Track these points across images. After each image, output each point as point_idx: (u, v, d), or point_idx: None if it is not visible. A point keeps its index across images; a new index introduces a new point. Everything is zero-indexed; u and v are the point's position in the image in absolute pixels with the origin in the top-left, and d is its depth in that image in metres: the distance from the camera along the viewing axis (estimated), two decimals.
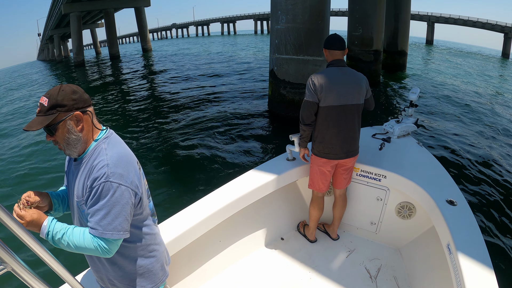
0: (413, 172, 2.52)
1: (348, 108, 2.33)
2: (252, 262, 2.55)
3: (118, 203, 1.17)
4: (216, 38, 72.03)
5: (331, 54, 2.39)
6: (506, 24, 44.08)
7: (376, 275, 2.42)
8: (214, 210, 2.16)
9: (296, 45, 7.52)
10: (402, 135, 3.11)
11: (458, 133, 7.93)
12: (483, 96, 12.53)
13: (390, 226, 2.71)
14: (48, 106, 1.15)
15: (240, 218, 2.48)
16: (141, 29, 39.38)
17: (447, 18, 52.67)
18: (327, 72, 2.35)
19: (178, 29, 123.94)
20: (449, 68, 21.09)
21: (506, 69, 26.01)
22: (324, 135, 2.38)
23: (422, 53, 32.63)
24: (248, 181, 2.47)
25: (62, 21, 46.79)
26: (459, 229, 1.86)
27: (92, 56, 51.07)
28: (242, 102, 10.12)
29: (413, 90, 3.18)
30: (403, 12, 15.62)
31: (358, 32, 12.09)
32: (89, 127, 1.25)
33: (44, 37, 70.73)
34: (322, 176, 2.52)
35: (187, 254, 2.13)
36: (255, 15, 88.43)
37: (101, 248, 1.18)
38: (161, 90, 13.44)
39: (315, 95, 2.30)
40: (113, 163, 1.18)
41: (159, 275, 1.46)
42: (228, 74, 16.17)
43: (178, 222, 2.03)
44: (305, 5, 7.29)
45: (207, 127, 8.04)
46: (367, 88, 2.41)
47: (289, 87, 7.85)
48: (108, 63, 30.78)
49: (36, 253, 0.94)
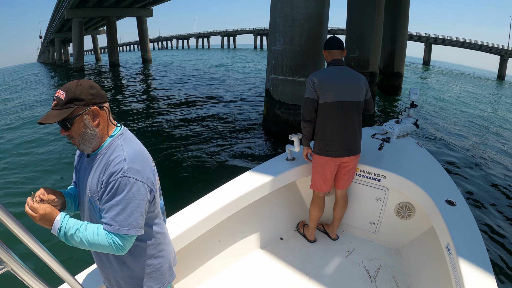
0: (413, 172, 2.52)
1: (347, 104, 2.37)
2: (251, 262, 2.55)
3: (134, 199, 1.15)
4: (216, 51, 72.60)
5: (330, 54, 2.47)
6: (502, 47, 44.93)
7: (375, 275, 2.42)
8: (214, 210, 2.15)
9: (293, 66, 7.60)
10: (402, 136, 3.14)
11: (458, 134, 7.97)
12: (481, 107, 12.64)
13: (390, 226, 2.71)
14: (65, 99, 1.14)
15: (239, 218, 2.48)
16: (142, 39, 39.59)
17: (444, 40, 53.60)
18: (326, 70, 2.43)
19: (179, 40, 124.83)
20: (445, 89, 21.33)
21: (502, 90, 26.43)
22: (324, 132, 2.42)
23: (419, 74, 33.03)
24: (248, 181, 2.47)
25: (64, 26, 47.04)
26: (459, 229, 1.87)
27: (92, 62, 51.24)
28: (238, 117, 10.16)
29: (414, 90, 3.23)
30: (400, 34, 15.87)
31: (355, 53, 12.24)
32: (105, 122, 1.24)
33: (46, 39, 70.95)
34: (324, 176, 2.53)
35: (186, 254, 2.12)
36: (255, 30, 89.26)
37: (115, 245, 1.15)
38: (156, 103, 13.45)
39: (314, 92, 2.36)
40: (130, 158, 1.17)
41: (167, 275, 1.43)
42: (225, 89, 16.25)
43: (178, 222, 2.03)
44: (303, 28, 7.40)
45: (199, 138, 8.10)
46: (366, 87, 2.46)
47: (284, 108, 7.90)
48: (107, 71, 30.83)
49: (35, 253, 0.93)
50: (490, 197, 5.07)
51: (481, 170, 6.02)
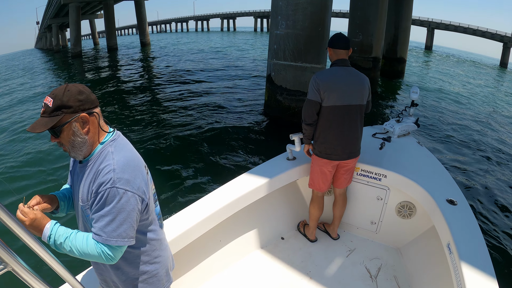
0: (414, 171, 2.52)
1: (351, 108, 2.31)
2: (252, 261, 2.55)
3: (123, 210, 1.13)
4: (215, 34, 71.66)
5: (336, 53, 2.36)
6: (505, 34, 44.36)
7: (376, 274, 2.42)
8: (214, 210, 2.15)
9: (295, 51, 7.44)
10: (403, 135, 3.13)
11: (458, 133, 7.98)
12: (482, 101, 12.64)
13: (390, 225, 2.71)
14: (53, 107, 1.11)
15: (240, 217, 2.48)
16: (140, 22, 39.02)
17: (447, 25, 52.87)
18: (331, 71, 2.32)
19: (178, 23, 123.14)
20: (447, 75, 21.16)
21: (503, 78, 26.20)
22: (326, 135, 2.36)
23: (421, 59, 32.73)
24: (248, 181, 2.46)
25: (61, 11, 46.16)
26: (459, 228, 1.87)
27: (90, 47, 50.58)
28: (238, 105, 10.03)
29: (414, 89, 3.19)
30: (403, 19, 15.61)
31: (358, 38, 12.02)
32: (96, 129, 1.21)
33: (43, 25, 69.86)
34: (323, 176, 2.51)
35: (187, 254, 2.12)
36: (256, 13, 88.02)
37: (105, 255, 1.14)
38: (156, 90, 13.25)
39: (318, 94, 2.28)
40: (119, 168, 1.14)
41: (163, 281, 1.43)
42: (226, 75, 16.05)
43: (178, 222, 2.03)
44: (306, 12, 7.21)
45: (198, 129, 7.95)
46: (369, 89, 2.40)
47: (286, 94, 7.77)
48: (106, 55, 30.45)
49: (36, 253, 0.93)
50: (491, 196, 5.06)
51: (482, 169, 5.99)
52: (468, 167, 6.10)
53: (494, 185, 5.42)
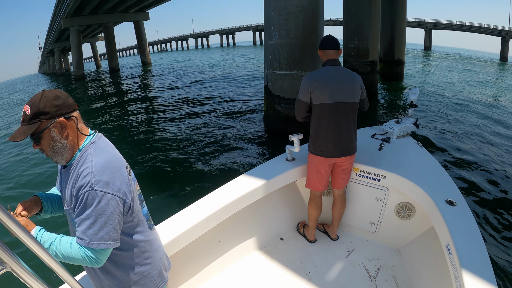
0: (413, 172, 2.52)
1: (341, 106, 2.34)
2: (251, 262, 2.55)
3: (104, 212, 1.13)
4: (215, 50, 72.52)
5: (326, 54, 2.43)
6: (503, 28, 44.28)
7: (375, 275, 2.42)
8: (214, 211, 2.16)
9: (290, 60, 7.49)
10: (402, 136, 3.13)
11: (458, 134, 7.94)
12: (482, 100, 12.56)
13: (390, 226, 2.71)
14: (30, 114, 1.12)
15: (239, 218, 2.49)
16: (140, 42, 39.71)
17: (444, 24, 52.97)
18: (321, 70, 2.39)
19: (178, 41, 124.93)
20: (447, 75, 21.08)
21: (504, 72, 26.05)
22: (319, 132, 2.41)
23: (420, 60, 32.71)
24: (248, 181, 2.47)
25: (62, 35, 47.24)
26: (459, 229, 1.86)
27: (93, 69, 51.45)
28: (239, 118, 10.07)
29: (413, 90, 3.21)
30: (398, 21, 15.67)
31: (354, 43, 12.09)
32: (75, 133, 1.21)
33: (45, 50, 71.40)
34: (319, 175, 2.53)
35: (186, 255, 2.13)
36: (254, 27, 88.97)
37: (89, 258, 1.14)
38: (157, 103, 13.49)
39: (308, 93, 2.35)
40: (98, 170, 1.14)
41: (157, 281, 1.41)
42: (225, 87, 16.19)
43: (178, 223, 2.03)
44: (298, 20, 7.28)
45: (202, 139, 8.04)
46: (362, 87, 2.43)
47: (284, 103, 7.79)
48: (108, 77, 30.93)
49: (35, 253, 0.93)
50: (491, 197, 5.03)
51: (482, 170, 5.96)
52: (468, 168, 6.07)
53: (494, 186, 5.37)
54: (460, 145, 7.20)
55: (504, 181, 5.57)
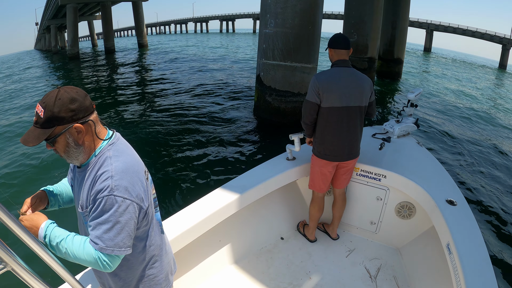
0: (413, 172, 2.53)
1: (351, 109, 2.29)
2: (252, 261, 2.56)
3: (121, 219, 1.09)
4: (214, 36, 71.70)
5: (336, 53, 2.33)
6: (504, 36, 44.34)
7: (376, 274, 2.43)
8: (214, 210, 2.16)
9: (284, 50, 7.21)
10: (402, 135, 3.14)
11: (458, 133, 7.93)
12: (481, 101, 12.57)
13: (390, 226, 2.73)
14: (44, 118, 1.05)
15: (240, 217, 2.50)
16: (138, 23, 38.92)
17: (446, 27, 52.84)
18: (331, 72, 2.31)
19: (177, 24, 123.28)
20: (445, 77, 21.00)
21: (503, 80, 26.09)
22: (325, 136, 2.37)
23: (420, 61, 32.62)
24: (248, 181, 2.48)
25: (59, 12, 46.12)
26: (459, 229, 1.88)
27: (89, 48, 50.49)
28: (230, 107, 9.80)
29: (412, 89, 3.21)
30: (401, 19, 15.42)
31: (353, 38, 11.83)
32: (91, 137, 1.16)
33: (42, 26, 69.90)
34: (323, 176, 2.51)
35: (187, 253, 2.14)
36: (255, 14, 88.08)
37: (101, 262, 1.10)
38: (151, 91, 13.12)
39: (317, 95, 2.28)
40: (118, 174, 1.10)
41: (162, 285, 1.41)
42: (219, 75, 15.87)
43: (178, 222, 2.03)
44: (295, 9, 6.98)
45: (190, 129, 7.72)
46: (371, 90, 2.37)
47: (275, 94, 7.52)
48: (103, 57, 30.26)
49: (36, 253, 0.93)
50: (491, 196, 5.04)
51: (482, 170, 5.98)
52: (468, 167, 6.09)
53: (494, 186, 5.41)
54: (461, 145, 7.23)
55: (504, 181, 5.60)
